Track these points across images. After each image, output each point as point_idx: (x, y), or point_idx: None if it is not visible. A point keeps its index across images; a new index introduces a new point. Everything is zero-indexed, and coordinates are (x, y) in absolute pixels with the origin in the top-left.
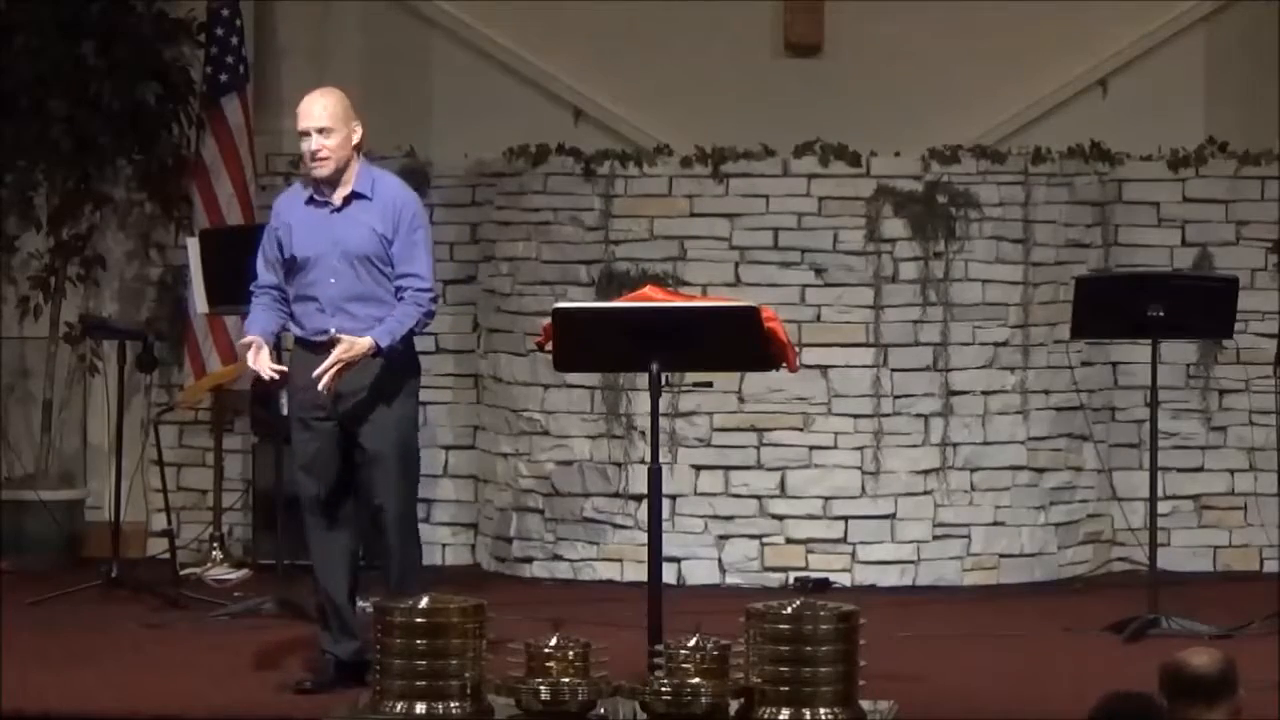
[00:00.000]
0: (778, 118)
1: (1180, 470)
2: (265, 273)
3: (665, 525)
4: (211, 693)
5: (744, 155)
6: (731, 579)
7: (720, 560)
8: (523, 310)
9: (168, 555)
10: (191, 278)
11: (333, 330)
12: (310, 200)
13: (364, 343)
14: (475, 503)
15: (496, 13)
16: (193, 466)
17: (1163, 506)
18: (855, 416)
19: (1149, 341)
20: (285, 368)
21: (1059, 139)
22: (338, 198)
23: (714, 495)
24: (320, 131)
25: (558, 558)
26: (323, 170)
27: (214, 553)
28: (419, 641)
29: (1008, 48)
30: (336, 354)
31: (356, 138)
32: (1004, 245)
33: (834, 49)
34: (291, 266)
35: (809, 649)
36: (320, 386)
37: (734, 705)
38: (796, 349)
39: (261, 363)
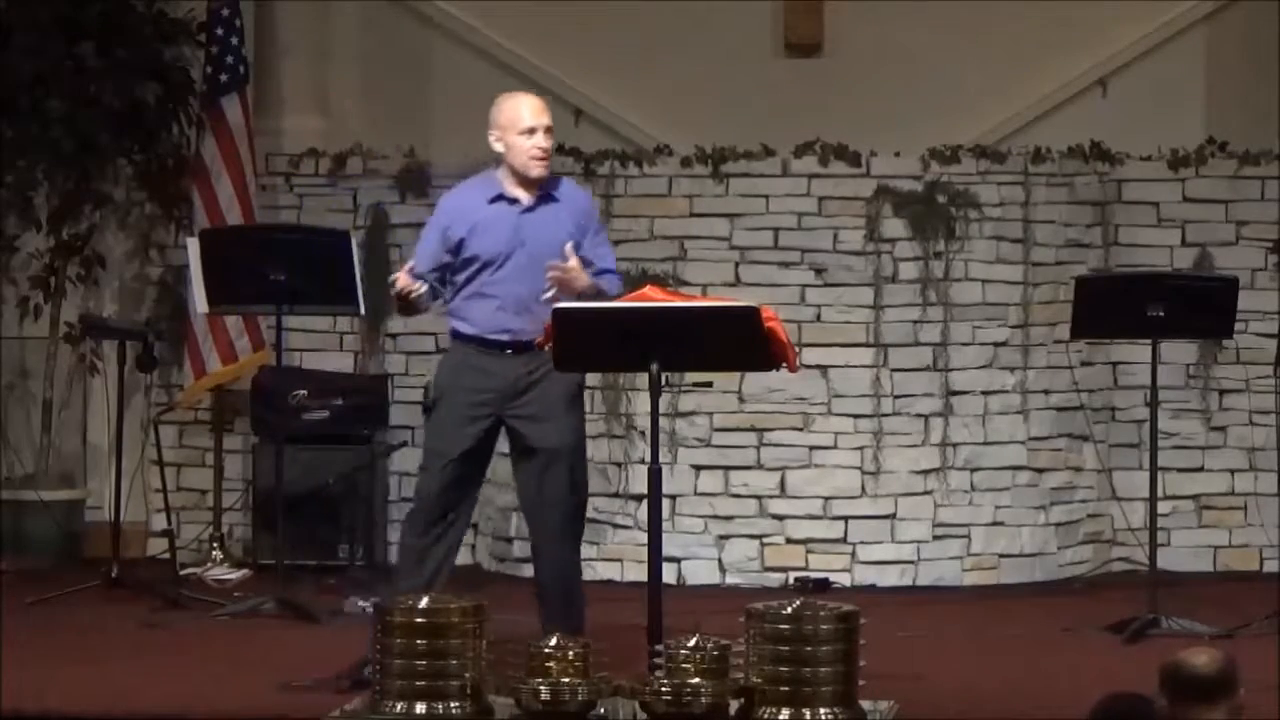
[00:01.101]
0: (778, 118)
1: (1180, 470)
2: (422, 265)
3: (665, 525)
4: (211, 693)
5: (744, 155)
6: (731, 579)
7: (720, 560)
8: None
9: (168, 555)
10: (191, 278)
11: (542, 316)
12: (498, 198)
13: (583, 277)
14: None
15: (496, 13)
16: (193, 466)
17: (1163, 506)
18: (855, 416)
19: (1149, 341)
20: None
21: (1059, 139)
22: (531, 198)
23: (714, 495)
24: (547, 130)
25: None
26: (543, 169)
27: (214, 553)
28: (419, 641)
29: (1008, 48)
30: (563, 268)
31: None
32: (1004, 245)
33: (834, 49)
34: (469, 264)
35: (809, 649)
36: (548, 278)
37: (734, 705)
38: (796, 349)
39: (404, 279)
